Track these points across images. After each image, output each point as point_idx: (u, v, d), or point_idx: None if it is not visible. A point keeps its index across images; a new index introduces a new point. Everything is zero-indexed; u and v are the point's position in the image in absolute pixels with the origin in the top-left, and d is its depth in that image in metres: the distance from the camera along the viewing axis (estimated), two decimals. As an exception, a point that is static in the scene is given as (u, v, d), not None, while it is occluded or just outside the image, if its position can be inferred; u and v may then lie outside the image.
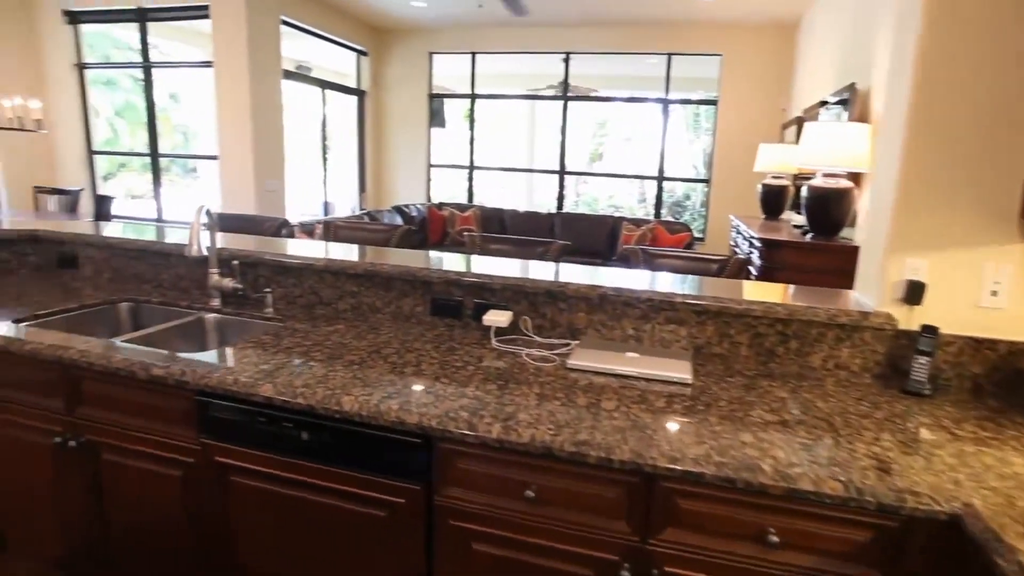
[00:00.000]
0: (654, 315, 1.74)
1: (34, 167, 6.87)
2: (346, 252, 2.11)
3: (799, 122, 5.63)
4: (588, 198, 10.56)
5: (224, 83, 6.10)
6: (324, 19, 7.05)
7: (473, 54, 8.03)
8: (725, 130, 7.20)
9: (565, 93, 7.78)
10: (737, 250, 5.44)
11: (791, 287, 1.92)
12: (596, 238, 6.91)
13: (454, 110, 8.84)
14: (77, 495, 1.66)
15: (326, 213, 7.92)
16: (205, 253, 1.88)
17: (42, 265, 2.41)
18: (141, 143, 6.86)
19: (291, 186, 6.82)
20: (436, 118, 8.40)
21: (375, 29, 8.07)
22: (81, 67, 6.88)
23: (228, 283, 2.00)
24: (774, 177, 5.43)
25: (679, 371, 1.53)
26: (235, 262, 2.04)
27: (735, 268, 2.51)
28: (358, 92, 8.10)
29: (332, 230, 2.69)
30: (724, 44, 7.06)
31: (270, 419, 1.37)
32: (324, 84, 7.53)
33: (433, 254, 2.16)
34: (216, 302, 2.02)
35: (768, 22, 6.72)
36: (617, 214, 8.47)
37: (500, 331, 1.79)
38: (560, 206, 8.03)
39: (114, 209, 6.07)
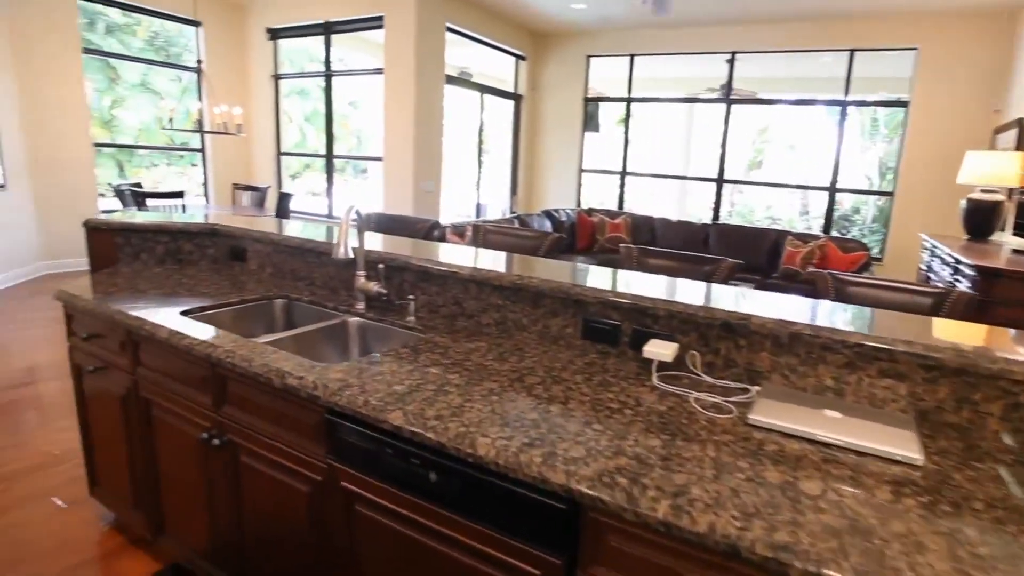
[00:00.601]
0: (863, 365, 1.32)
1: (234, 166, 7.73)
2: (493, 261, 1.91)
3: (1021, 125, 4.56)
4: (743, 208, 9.68)
5: (392, 88, 6.36)
6: (486, 25, 7.10)
7: (631, 56, 7.65)
8: (917, 135, 6.10)
9: (728, 96, 7.12)
10: (931, 276, 4.52)
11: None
12: (755, 253, 6.21)
13: (607, 114, 8.52)
14: (221, 492, 1.63)
15: (478, 215, 8.02)
16: (352, 255, 1.79)
17: (218, 257, 2.53)
18: (324, 146, 7.42)
19: (446, 188, 6.96)
20: (590, 122, 8.14)
21: (534, 33, 8.01)
22: (277, 78, 7.59)
23: (373, 287, 1.90)
24: (984, 191, 4.43)
25: (902, 445, 1.12)
26: (381, 265, 1.94)
27: (960, 305, 1.93)
28: (515, 96, 8.10)
29: (481, 234, 2.54)
30: (921, 36, 5.97)
31: (398, 451, 1.20)
32: (483, 89, 7.61)
33: (585, 267, 1.90)
34: (361, 305, 1.93)
35: (978, 9, 5.57)
36: (775, 226, 7.60)
37: (663, 365, 1.48)
38: (716, 216, 7.38)
39: (293, 205, 6.58)
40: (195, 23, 7.00)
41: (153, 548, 2.04)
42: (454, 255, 1.97)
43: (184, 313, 1.79)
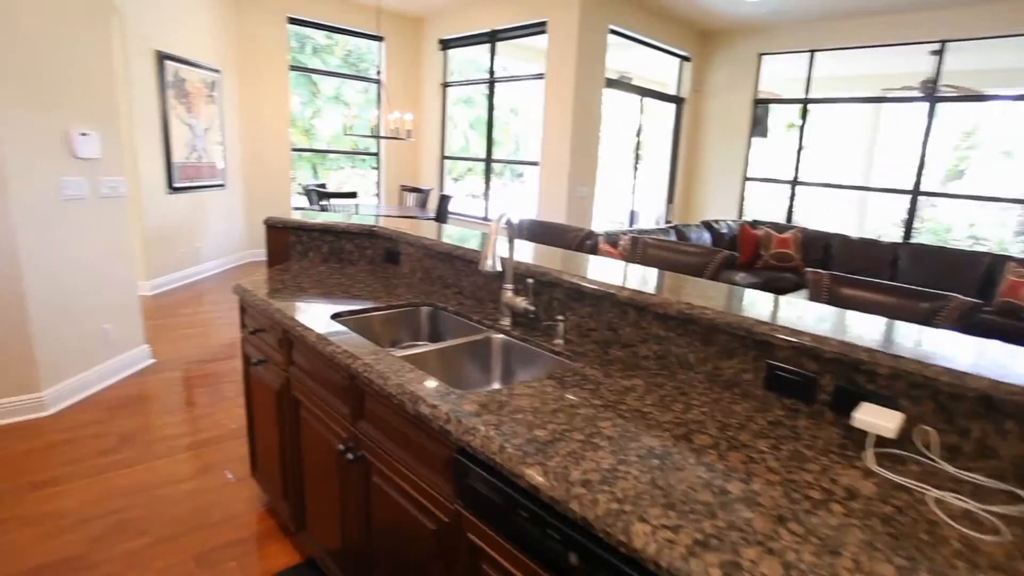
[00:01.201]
0: None
1: (403, 169, 8.14)
2: (654, 281, 1.62)
3: None
4: (936, 226, 8.16)
5: (552, 93, 6.23)
6: (650, 25, 6.68)
7: (812, 52, 6.74)
8: None
9: (933, 93, 5.95)
10: None
11: None
12: (960, 280, 5.10)
13: (776, 118, 7.63)
14: (353, 505, 1.55)
15: (632, 223, 7.63)
16: (499, 268, 1.61)
17: (375, 258, 2.53)
18: (485, 151, 7.54)
19: (600, 193, 6.69)
20: (758, 127, 7.34)
21: (701, 32, 7.40)
22: (445, 86, 7.85)
23: (520, 302, 1.71)
24: None
25: None
26: (530, 280, 1.74)
27: None
28: (676, 99, 7.56)
29: (640, 247, 2.25)
30: None
31: (534, 517, 0.98)
32: (643, 92, 7.19)
33: (768, 296, 1.53)
34: (506, 321, 1.76)
35: None
36: (978, 247, 6.24)
37: (881, 441, 1.10)
38: (907, 235, 6.24)
39: (452, 207, 6.74)
40: (379, 38, 7.48)
41: (295, 539, 2.06)
42: (609, 272, 1.72)
43: (335, 316, 1.75)
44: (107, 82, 3.14)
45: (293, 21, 6.85)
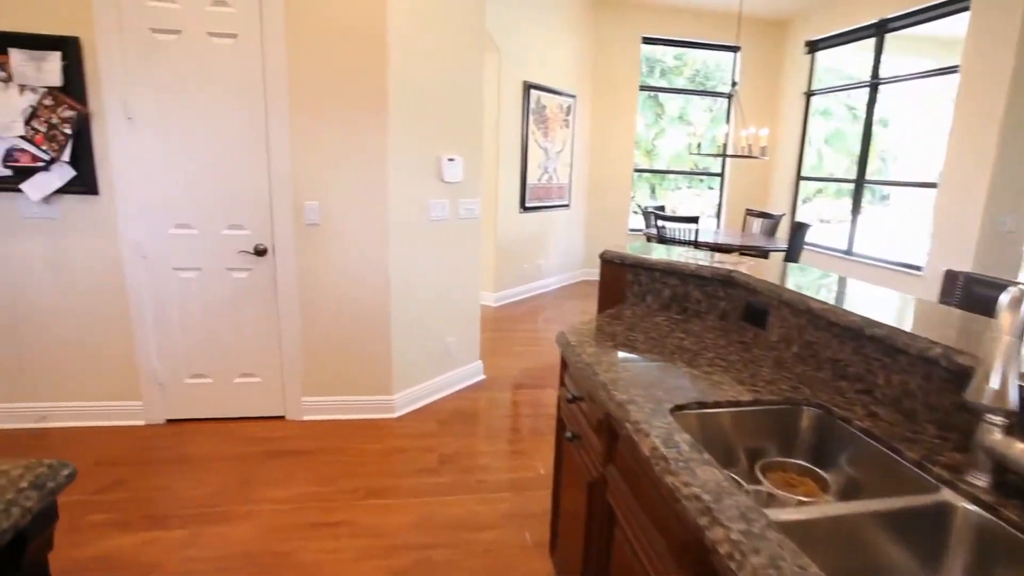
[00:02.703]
0: None
1: (747, 190, 7.16)
2: None
3: None
4: None
5: (969, 91, 4.50)
6: None
7: None
8: None
9: None
10: None
11: None
12: None
13: None
14: (596, 542, 0.99)
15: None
16: (1016, 400, 0.83)
17: (728, 312, 1.91)
18: (840, 169, 6.06)
19: (1053, 227, 4.56)
20: None
21: None
22: (808, 95, 6.60)
23: (1018, 452, 0.89)
24: None
25: None
26: (1064, 422, 0.89)
27: None
28: None
29: None
30: None
31: None
32: None
33: None
34: (982, 480, 0.94)
35: None
36: None
37: None
38: None
39: (807, 236, 5.54)
40: (735, 49, 6.72)
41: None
42: None
43: (676, 409, 1.22)
44: (477, 113, 3.31)
45: (647, 41, 6.66)
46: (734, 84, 5.41)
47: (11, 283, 2.74)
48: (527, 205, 5.81)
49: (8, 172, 2.60)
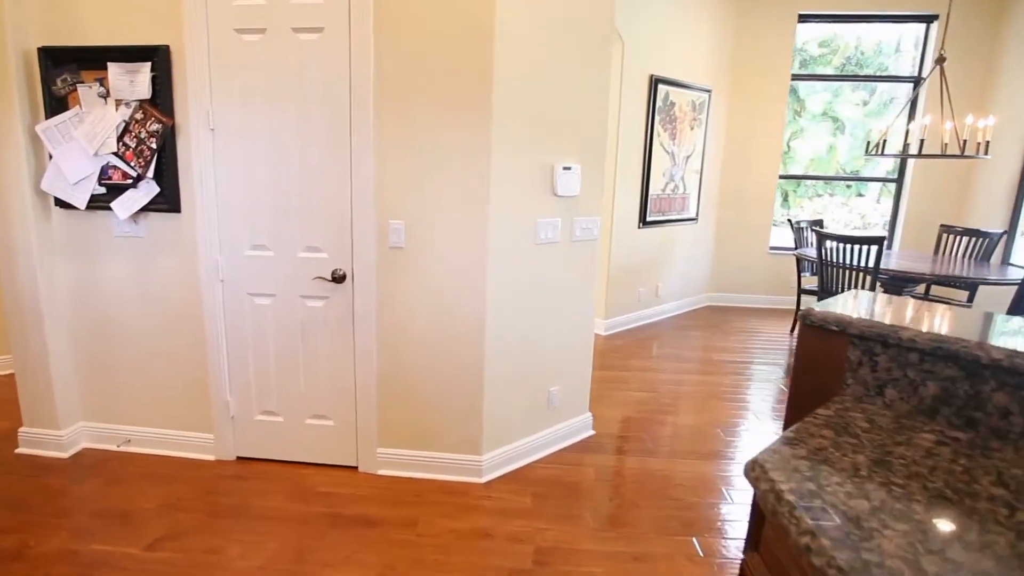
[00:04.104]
0: None
1: (937, 200, 5.83)
2: None
3: None
4: None
5: None
6: None
7: None
8: None
9: None
10: None
11: None
12: None
13: None
14: None
15: None
16: None
17: (943, 400, 1.14)
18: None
19: None
20: None
21: None
22: (1032, 81, 5.19)
23: None
24: None
25: None
26: None
27: None
28: None
29: None
30: None
31: None
32: None
33: None
34: None
35: None
36: None
37: None
38: None
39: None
40: (930, 19, 5.48)
41: None
42: None
43: None
44: (601, 113, 2.71)
45: (804, 19, 5.64)
46: (941, 60, 4.24)
47: (103, 303, 2.63)
48: (648, 219, 5.09)
49: (102, 190, 2.46)
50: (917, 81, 5.75)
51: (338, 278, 2.41)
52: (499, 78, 2.25)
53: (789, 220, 5.29)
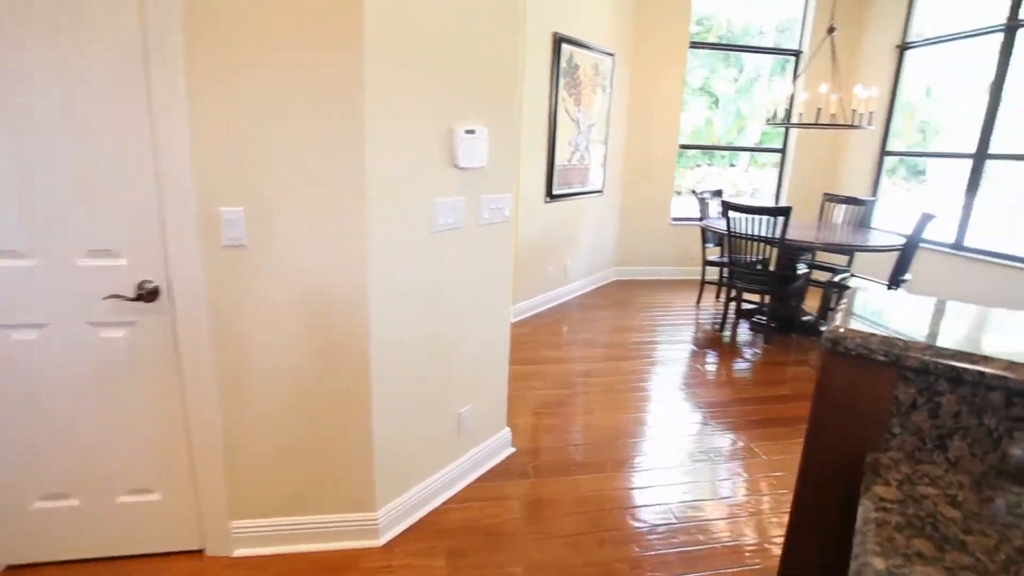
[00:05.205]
0: None
1: (816, 170, 5.94)
2: None
3: None
4: None
5: None
6: None
7: None
8: None
9: None
10: None
11: None
12: None
13: None
14: None
15: None
16: None
17: (971, 421, 0.75)
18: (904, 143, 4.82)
19: None
20: None
21: None
22: (903, 48, 5.34)
23: None
24: None
25: None
26: None
27: None
28: None
29: None
30: None
31: None
32: None
33: None
34: None
35: None
36: None
37: None
38: None
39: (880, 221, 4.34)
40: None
41: None
42: None
43: None
44: (510, 62, 2.12)
45: (702, -17, 5.37)
46: (831, 30, 4.14)
47: None
48: (554, 193, 4.62)
49: None
50: (797, 54, 5.76)
51: (146, 294, 1.64)
52: (372, 5, 1.57)
53: (694, 191, 5.07)
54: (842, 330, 0.98)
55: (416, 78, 1.75)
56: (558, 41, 4.22)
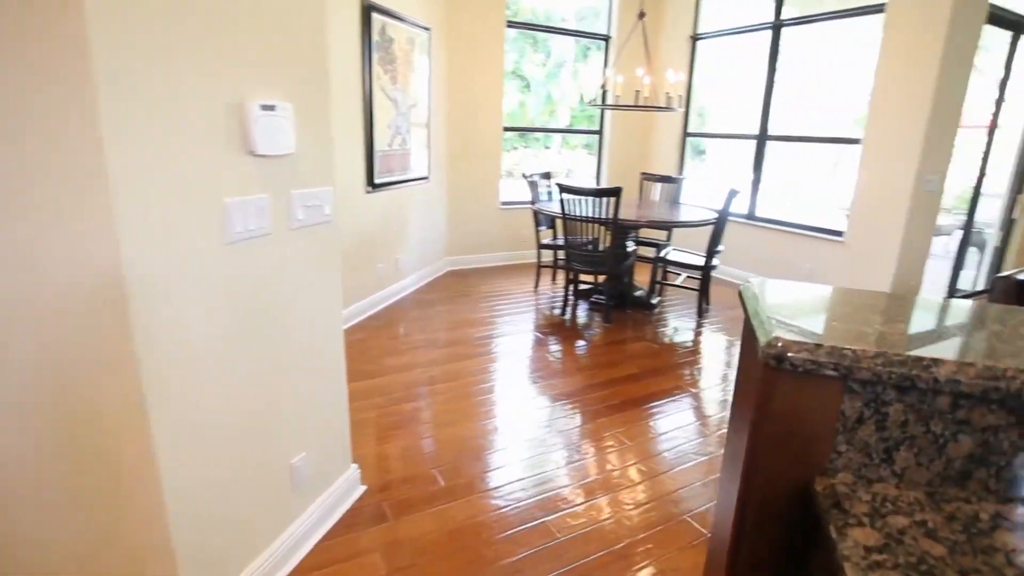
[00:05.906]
0: None
1: (630, 150, 6.30)
2: None
3: None
4: None
5: (895, 39, 4.00)
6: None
7: None
8: None
9: None
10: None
11: None
12: None
13: None
14: None
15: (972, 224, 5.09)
16: None
17: (979, 460, 0.71)
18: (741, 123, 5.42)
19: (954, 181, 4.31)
20: None
21: None
22: (695, 39, 5.83)
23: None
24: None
25: None
26: None
27: None
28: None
29: None
30: None
31: None
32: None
33: None
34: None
35: None
36: None
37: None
38: None
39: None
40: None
41: None
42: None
43: None
44: (317, 19, 1.67)
45: (511, -40, 5.25)
46: (641, 15, 4.30)
47: None
48: (376, 182, 4.17)
49: None
50: (607, 39, 6.00)
51: None
52: (87, -94, 1.04)
53: (524, 174, 4.99)
54: (781, 344, 0.81)
55: (178, 33, 1.24)
56: (367, 8, 3.75)
